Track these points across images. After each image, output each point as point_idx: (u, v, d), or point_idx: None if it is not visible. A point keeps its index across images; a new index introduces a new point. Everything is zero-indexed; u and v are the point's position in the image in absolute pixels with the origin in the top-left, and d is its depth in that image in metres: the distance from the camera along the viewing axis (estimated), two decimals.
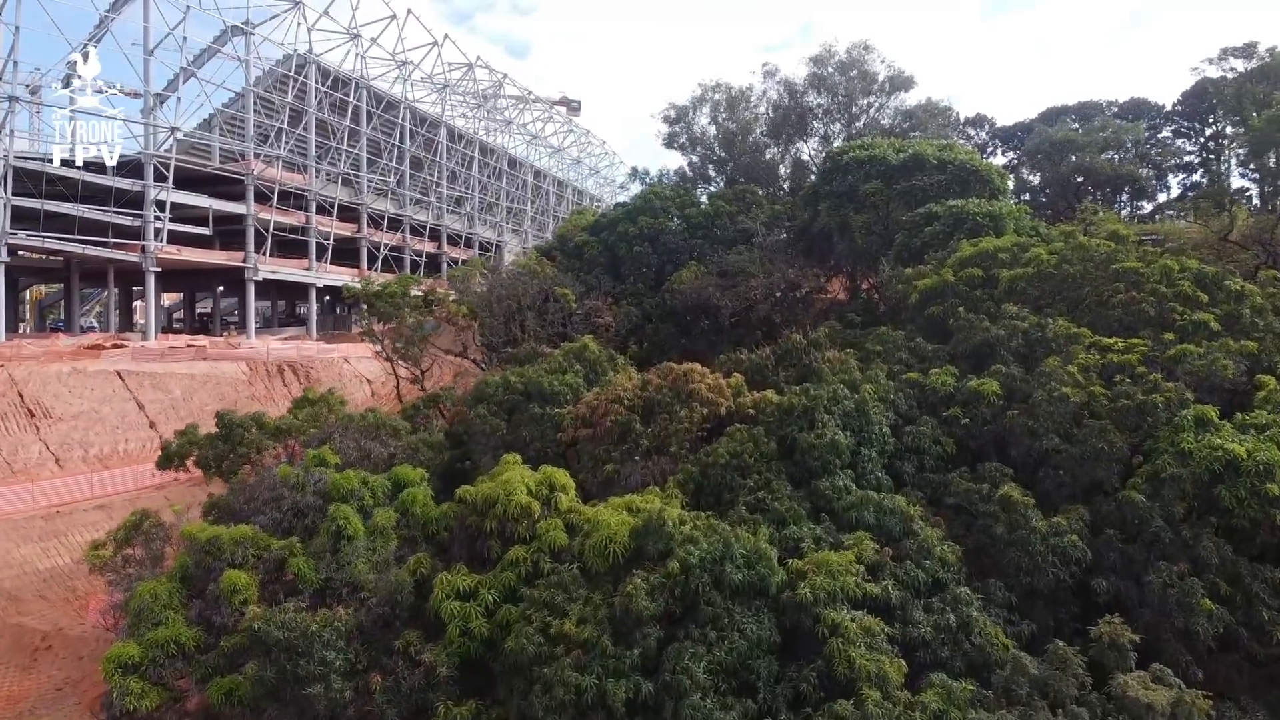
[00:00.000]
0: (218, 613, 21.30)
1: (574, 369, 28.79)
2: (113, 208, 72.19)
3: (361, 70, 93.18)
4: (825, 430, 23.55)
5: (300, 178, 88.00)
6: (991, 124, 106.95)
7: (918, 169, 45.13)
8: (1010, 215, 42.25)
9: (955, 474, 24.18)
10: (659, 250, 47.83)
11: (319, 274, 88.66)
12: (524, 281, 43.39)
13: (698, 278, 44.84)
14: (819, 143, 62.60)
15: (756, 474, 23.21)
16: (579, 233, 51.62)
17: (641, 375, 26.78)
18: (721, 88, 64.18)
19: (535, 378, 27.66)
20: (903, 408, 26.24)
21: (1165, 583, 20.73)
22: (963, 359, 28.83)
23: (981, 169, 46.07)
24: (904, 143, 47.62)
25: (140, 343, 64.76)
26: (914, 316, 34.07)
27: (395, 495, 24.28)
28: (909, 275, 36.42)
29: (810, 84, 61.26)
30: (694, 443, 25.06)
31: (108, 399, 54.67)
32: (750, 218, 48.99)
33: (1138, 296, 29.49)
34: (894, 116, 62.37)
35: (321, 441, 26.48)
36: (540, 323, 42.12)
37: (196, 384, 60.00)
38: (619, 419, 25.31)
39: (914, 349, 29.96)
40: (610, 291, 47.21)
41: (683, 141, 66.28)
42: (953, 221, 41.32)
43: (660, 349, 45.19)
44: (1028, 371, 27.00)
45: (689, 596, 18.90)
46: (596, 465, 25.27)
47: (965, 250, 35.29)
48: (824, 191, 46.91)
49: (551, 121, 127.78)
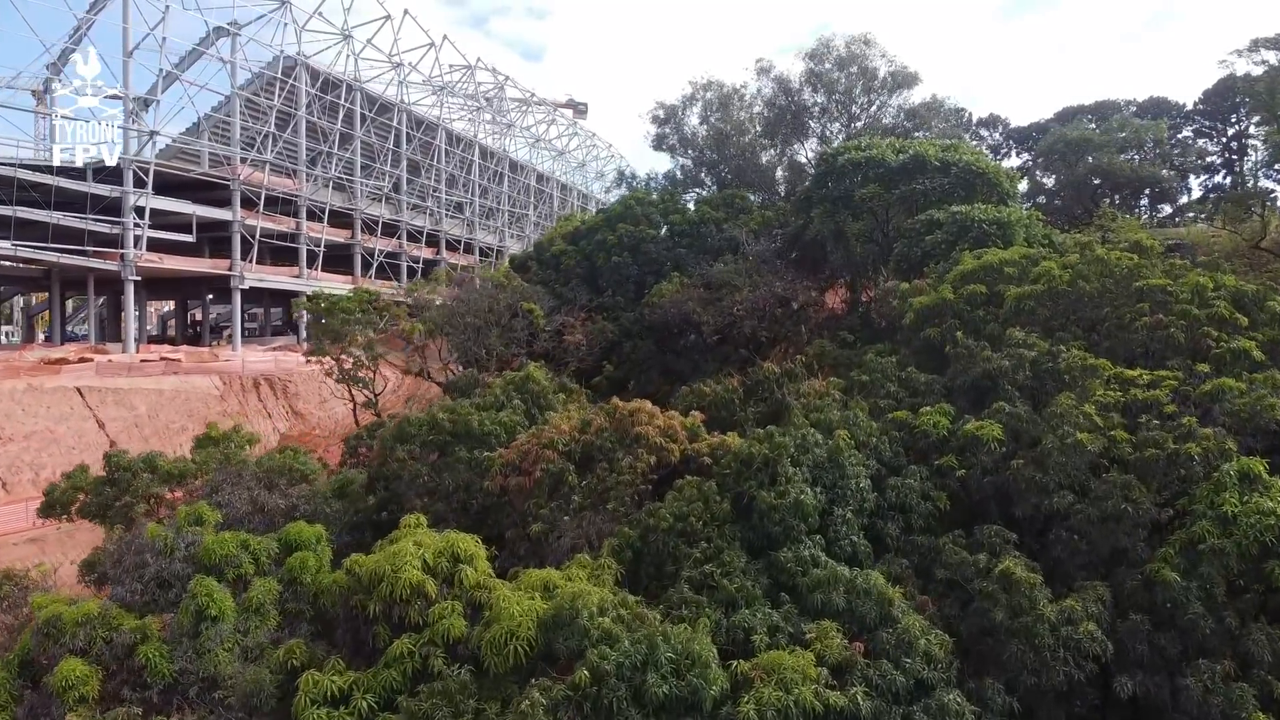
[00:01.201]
0: (48, 715, 17.33)
1: (513, 404, 24.62)
2: (91, 214, 68.91)
3: (355, 72, 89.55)
4: (789, 487, 19.24)
5: (290, 182, 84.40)
6: (1005, 124, 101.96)
7: (919, 171, 40.70)
8: (1020, 222, 37.76)
9: (948, 538, 19.82)
10: (639, 260, 43.66)
11: (309, 281, 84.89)
12: (489, 296, 39.32)
13: (680, 290, 40.67)
14: (818, 144, 58.04)
15: (706, 541, 18.95)
16: (558, 241, 47.49)
17: (582, 415, 22.54)
18: (713, 86, 59.62)
19: (465, 415, 23.51)
20: (887, 455, 21.88)
21: (1206, 686, 16.37)
22: (960, 394, 24.43)
23: (988, 171, 41.55)
24: (904, 143, 43.17)
25: (107, 357, 61.08)
26: (909, 339, 29.69)
27: (285, 559, 20.24)
28: (905, 291, 32.05)
29: (806, 81, 56.60)
30: (638, 497, 20.85)
31: (64, 417, 51.00)
32: (738, 225, 44.70)
33: (1165, 319, 24.96)
34: (896, 115, 57.62)
35: (211, 490, 22.51)
36: (505, 341, 38.06)
37: (164, 400, 56.24)
38: (551, 468, 21.13)
39: (905, 380, 25.56)
40: (587, 305, 43.12)
41: (672, 143, 61.79)
42: (956, 229, 36.91)
43: (638, 369, 41.09)
44: (1036, 410, 22.60)
45: (602, 714, 14.73)
46: (526, 522, 21.13)
47: (967, 263, 30.85)
48: (818, 196, 42.52)
49: (555, 124, 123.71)
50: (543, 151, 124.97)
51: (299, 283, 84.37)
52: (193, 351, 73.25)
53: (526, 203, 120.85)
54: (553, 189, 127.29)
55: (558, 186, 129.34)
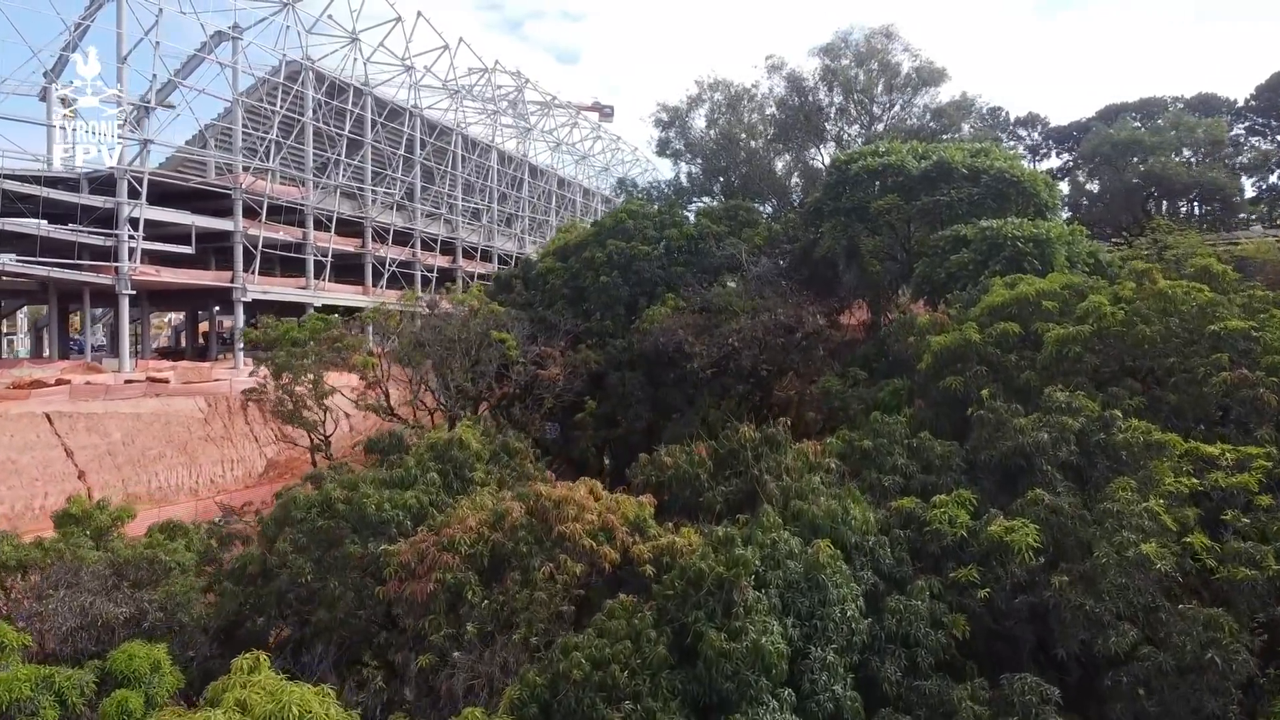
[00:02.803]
0: None
1: (428, 478, 19.55)
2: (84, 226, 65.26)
3: (364, 76, 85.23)
4: (747, 623, 13.91)
5: (296, 191, 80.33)
6: (1044, 124, 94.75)
7: (944, 180, 34.96)
8: (1060, 238, 31.90)
9: (964, 690, 14.42)
10: (631, 280, 38.38)
11: (316, 293, 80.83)
12: (456, 323, 34.39)
13: (672, 316, 35.39)
14: (835, 148, 52.06)
15: (633, 700, 13.72)
16: (546, 257, 42.41)
17: (497, 504, 17.39)
18: (721, 86, 53.75)
19: (363, 495, 18.53)
20: (888, 563, 16.43)
21: None
22: (986, 472, 18.90)
23: (1024, 179, 35.63)
24: (928, 148, 37.41)
25: (86, 378, 57.20)
26: (926, 387, 24.12)
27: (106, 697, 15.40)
28: (922, 325, 26.48)
29: (822, 79, 50.66)
30: (554, 621, 15.65)
31: (29, 446, 46.89)
32: (742, 240, 39.25)
33: (1251, 376, 19.18)
34: (922, 116, 51.44)
35: (38, 597, 17.77)
36: (472, 375, 33.11)
37: (142, 425, 52.06)
38: (449, 578, 16.02)
39: (917, 449, 20.01)
40: (572, 330, 37.99)
41: (677, 148, 56.18)
42: (986, 248, 31.20)
43: (626, 403, 35.83)
44: (1085, 501, 17.09)
45: None
46: (420, 648, 16.07)
47: (998, 294, 25.17)
48: (829, 208, 36.92)
49: (578, 128, 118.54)
50: (565, 156, 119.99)
51: (306, 294, 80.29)
52: (192, 367, 69.45)
53: (547, 208, 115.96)
54: (575, 194, 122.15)
55: (580, 191, 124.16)
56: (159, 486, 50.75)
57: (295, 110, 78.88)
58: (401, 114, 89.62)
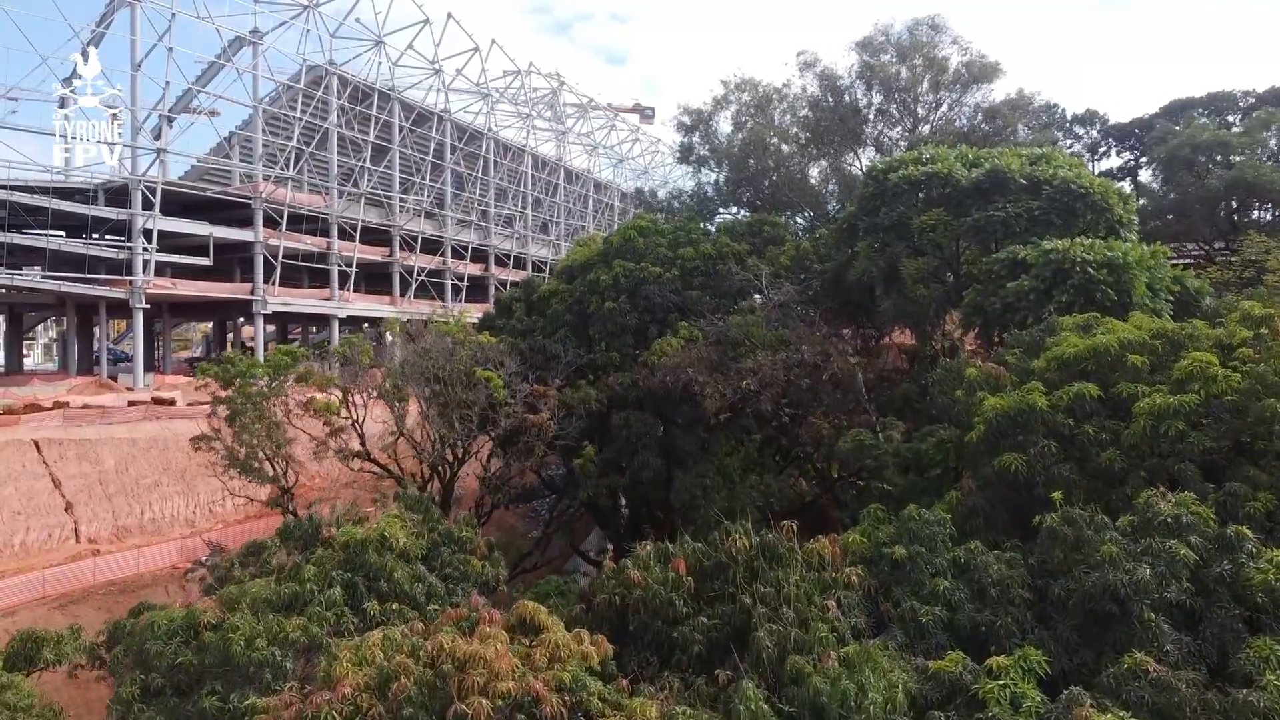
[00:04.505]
0: None
1: (328, 595, 14.88)
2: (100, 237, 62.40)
3: (390, 81, 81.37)
4: None
5: (319, 199, 76.79)
6: (1104, 121, 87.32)
7: (998, 191, 29.41)
8: (1140, 263, 26.22)
9: None
10: (640, 306, 33.48)
11: (340, 304, 77.24)
12: (437, 359, 29.84)
13: (684, 349, 30.44)
14: (875, 153, 46.19)
15: None
16: (550, 279, 37.65)
17: (387, 659, 12.68)
18: (748, 86, 48.00)
19: (228, 629, 13.96)
20: None
21: None
22: (1061, 610, 13.66)
23: (1093, 190, 29.81)
24: (980, 154, 31.84)
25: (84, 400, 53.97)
26: (977, 463, 18.77)
27: None
28: (972, 377, 21.11)
29: (859, 76, 44.86)
30: None
31: (13, 477, 43.49)
32: (766, 259, 34.06)
33: None
34: (973, 116, 45.34)
35: None
36: (449, 420, 28.55)
37: (138, 451, 48.55)
38: None
39: (966, 568, 14.77)
40: (574, 362, 33.25)
41: (701, 154, 50.62)
42: (1050, 274, 25.66)
43: (632, 450, 31.04)
44: (1212, 673, 11.82)
45: None
46: None
47: (1069, 344, 19.67)
48: (864, 225, 31.56)
49: (615, 130, 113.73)
50: (602, 159, 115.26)
51: (329, 305, 76.77)
52: (204, 383, 66.13)
53: (583, 213, 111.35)
54: (612, 198, 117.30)
55: (618, 195, 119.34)
56: (152, 518, 47.11)
57: (319, 116, 75.32)
58: (430, 118, 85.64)
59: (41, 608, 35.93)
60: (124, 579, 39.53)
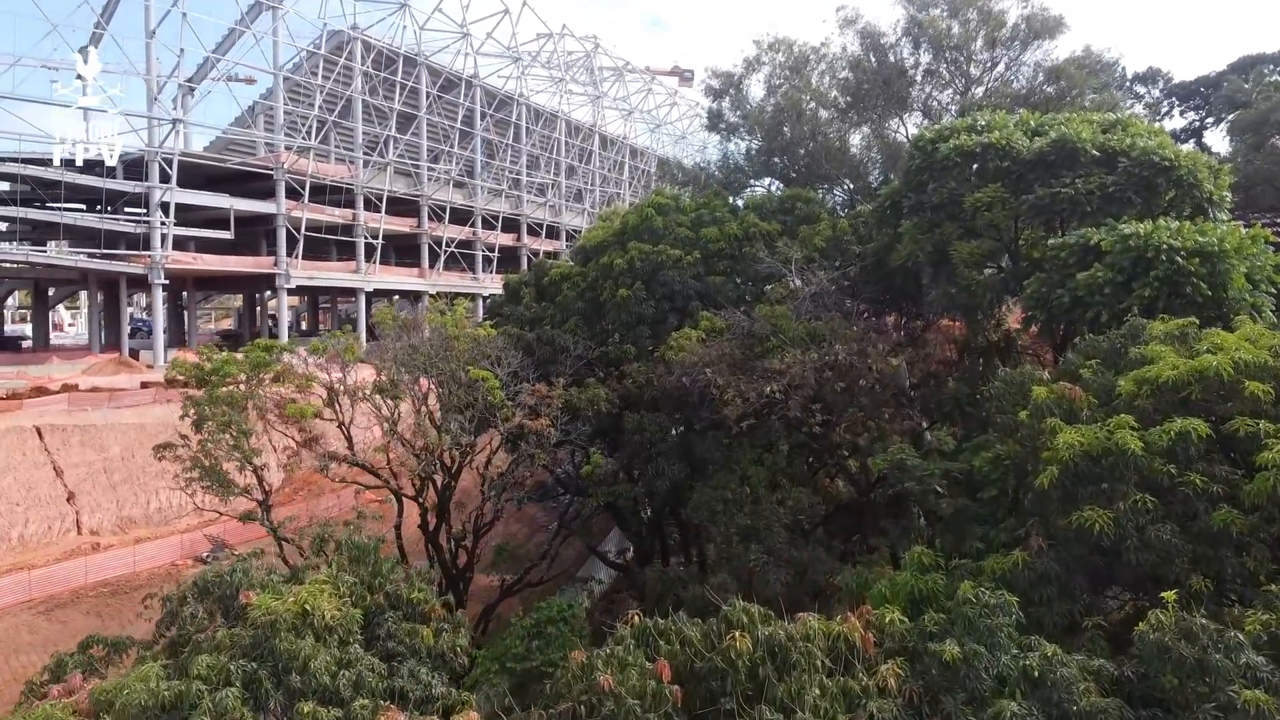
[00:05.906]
0: None
1: (219, 700, 11.65)
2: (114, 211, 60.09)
3: (416, 45, 77.73)
4: None
5: (344, 170, 73.83)
6: (1167, 79, 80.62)
7: (1066, 164, 24.79)
8: (1238, 250, 21.69)
9: None
10: (657, 294, 29.70)
11: (367, 277, 74.52)
12: (428, 355, 26.51)
13: (704, 344, 26.69)
14: (923, 119, 41.17)
15: None
16: (564, 260, 34.00)
17: None
18: (782, 45, 42.90)
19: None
20: None
21: None
22: None
23: (1179, 164, 25.07)
24: (1043, 120, 27.25)
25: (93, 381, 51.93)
26: (1047, 514, 14.89)
27: None
28: (1040, 399, 17.05)
29: (906, 33, 39.66)
30: None
31: (13, 466, 41.41)
32: (799, 239, 29.98)
33: None
34: (1033, 77, 39.88)
35: None
36: (444, 424, 25.26)
37: (145, 437, 45.98)
38: None
39: (1040, 683, 11.00)
40: (585, 356, 29.70)
41: (732, 121, 45.93)
42: (1130, 263, 21.18)
43: (646, 457, 27.53)
44: None
45: None
46: None
47: (1165, 363, 15.52)
48: (910, 202, 27.27)
49: (652, 94, 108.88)
50: (639, 124, 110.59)
51: (356, 279, 74.13)
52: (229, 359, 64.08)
53: (619, 180, 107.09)
54: (649, 164, 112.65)
55: (654, 161, 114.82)
56: (158, 508, 44.86)
57: (343, 83, 72.10)
58: (458, 84, 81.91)
59: (27, 612, 33.81)
60: (118, 579, 37.29)
